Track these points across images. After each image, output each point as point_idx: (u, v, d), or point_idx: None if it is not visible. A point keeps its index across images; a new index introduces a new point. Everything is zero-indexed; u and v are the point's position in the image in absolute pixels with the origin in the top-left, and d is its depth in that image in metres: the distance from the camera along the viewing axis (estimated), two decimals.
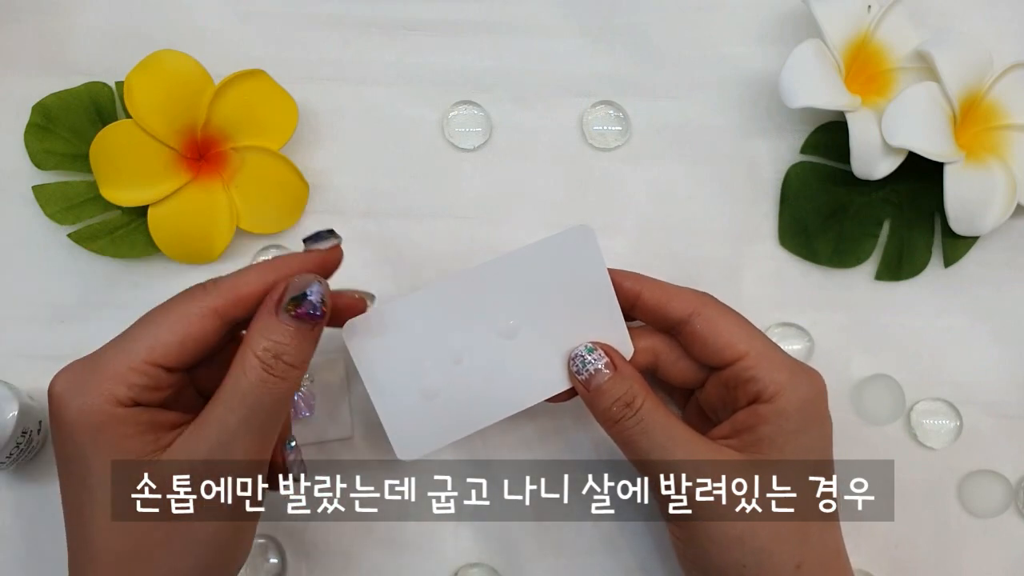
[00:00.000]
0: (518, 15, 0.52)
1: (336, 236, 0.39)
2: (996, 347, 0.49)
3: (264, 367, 0.35)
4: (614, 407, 0.39)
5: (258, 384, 0.35)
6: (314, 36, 0.51)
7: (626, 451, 0.40)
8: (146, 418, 0.36)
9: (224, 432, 0.35)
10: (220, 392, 0.36)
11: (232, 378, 0.36)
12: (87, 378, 0.36)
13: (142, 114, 0.45)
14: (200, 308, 0.36)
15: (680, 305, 0.40)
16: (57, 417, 0.36)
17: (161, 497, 0.35)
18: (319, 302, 0.36)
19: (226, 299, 0.36)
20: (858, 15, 0.49)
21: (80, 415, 0.35)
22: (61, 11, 0.51)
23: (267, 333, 0.36)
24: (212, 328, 0.36)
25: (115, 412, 0.35)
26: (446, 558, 0.46)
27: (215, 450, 0.35)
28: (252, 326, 0.36)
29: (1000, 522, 0.47)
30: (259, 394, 0.35)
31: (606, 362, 0.40)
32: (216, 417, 0.35)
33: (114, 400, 0.35)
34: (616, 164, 0.51)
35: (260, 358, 0.35)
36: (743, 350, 0.39)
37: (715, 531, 0.38)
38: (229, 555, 0.38)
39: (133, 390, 0.35)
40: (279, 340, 0.36)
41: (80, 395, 0.35)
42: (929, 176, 0.48)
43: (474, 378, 0.41)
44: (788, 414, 0.38)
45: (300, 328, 0.36)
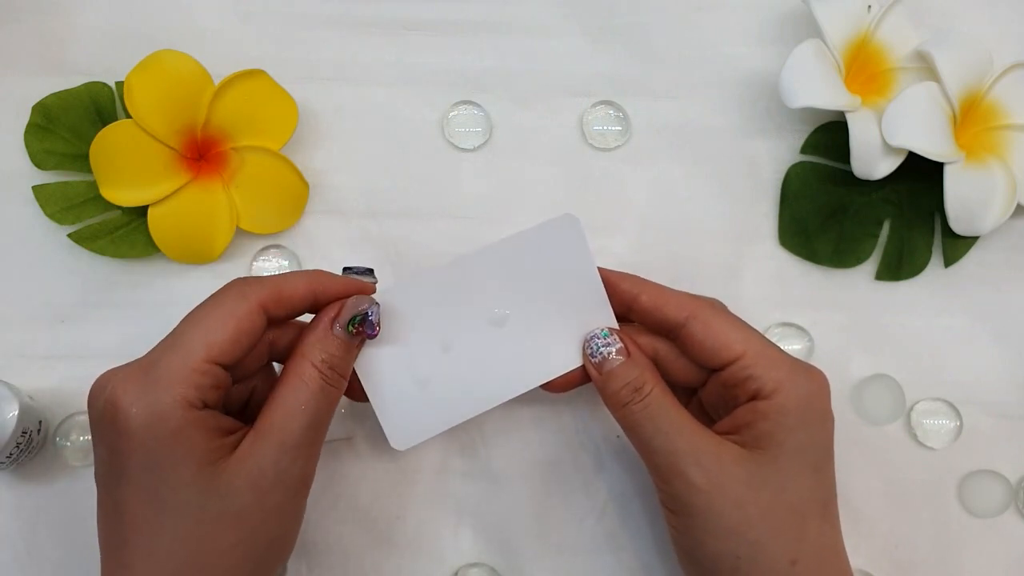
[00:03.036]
0: (518, 15, 0.52)
1: (374, 277, 0.41)
2: (996, 347, 0.49)
3: (323, 376, 0.38)
4: (623, 391, 0.40)
5: (318, 392, 0.38)
6: (314, 36, 0.51)
7: (631, 435, 0.41)
8: (214, 422, 0.36)
9: (289, 438, 0.37)
10: (279, 401, 0.37)
11: (290, 387, 0.37)
12: (150, 385, 0.35)
13: (142, 114, 0.45)
14: (248, 303, 0.37)
15: (676, 309, 0.41)
16: (121, 427, 0.35)
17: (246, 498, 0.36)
18: (376, 322, 0.39)
19: (270, 295, 0.38)
20: (858, 15, 0.49)
21: (152, 420, 0.35)
22: (61, 11, 0.51)
23: (323, 345, 0.38)
24: (260, 323, 0.37)
25: (190, 416, 0.35)
26: (446, 558, 0.46)
27: (283, 455, 0.36)
28: (307, 339, 0.38)
29: (1000, 522, 0.47)
30: (319, 401, 0.38)
31: (620, 347, 0.41)
32: (280, 424, 0.37)
33: (186, 403, 0.35)
34: (616, 164, 0.51)
35: (319, 368, 0.38)
36: (740, 351, 0.39)
37: (712, 521, 0.38)
38: (278, 560, 0.39)
39: (200, 391, 0.36)
40: (334, 352, 0.38)
41: (148, 402, 0.35)
42: (929, 176, 0.48)
43: (464, 366, 0.42)
44: (787, 410, 0.38)
45: (352, 343, 0.39)
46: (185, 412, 0.35)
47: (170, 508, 0.35)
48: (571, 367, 0.42)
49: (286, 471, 0.37)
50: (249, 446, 0.36)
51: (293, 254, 0.49)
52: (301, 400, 0.37)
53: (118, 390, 0.35)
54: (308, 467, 0.38)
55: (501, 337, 0.42)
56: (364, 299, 0.39)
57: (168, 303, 0.47)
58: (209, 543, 0.36)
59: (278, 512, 0.37)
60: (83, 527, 0.37)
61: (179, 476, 0.35)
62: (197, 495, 0.35)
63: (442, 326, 0.42)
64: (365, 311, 0.39)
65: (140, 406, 0.35)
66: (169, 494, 0.35)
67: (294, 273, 0.40)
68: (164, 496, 0.35)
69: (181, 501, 0.35)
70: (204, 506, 0.35)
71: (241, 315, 0.37)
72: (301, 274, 0.39)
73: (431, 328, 0.41)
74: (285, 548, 0.39)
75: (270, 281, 0.38)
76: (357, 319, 0.39)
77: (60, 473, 0.46)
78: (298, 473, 0.37)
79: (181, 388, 0.35)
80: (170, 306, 0.47)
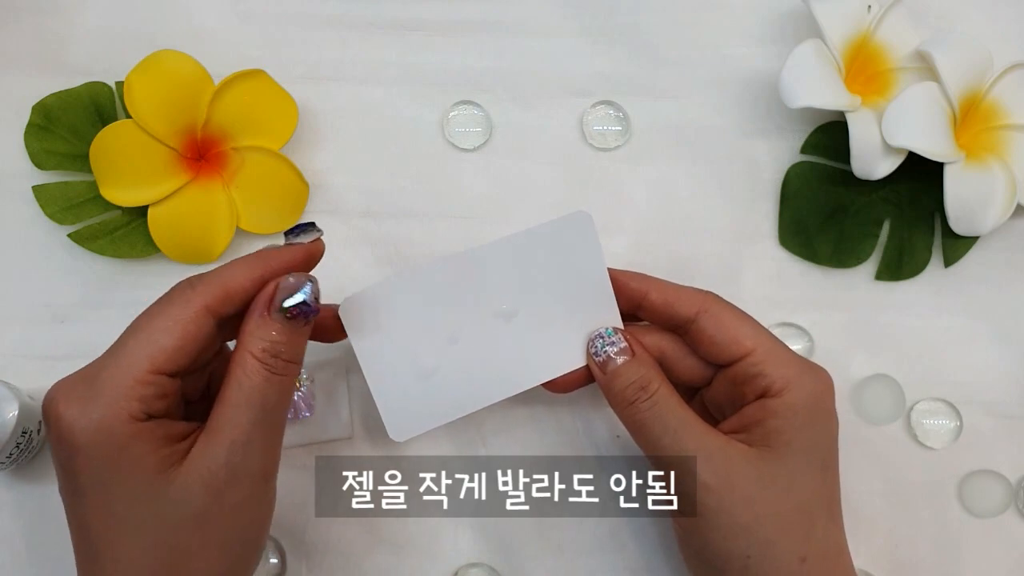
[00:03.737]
0: (518, 15, 0.52)
1: (318, 229, 0.39)
2: (996, 347, 0.49)
3: (264, 366, 0.36)
4: (628, 390, 0.40)
5: (262, 383, 0.36)
6: (314, 36, 0.51)
7: (636, 436, 0.40)
8: (161, 432, 0.35)
9: (238, 433, 0.35)
10: (224, 397, 0.36)
11: (234, 381, 0.36)
12: (92, 397, 0.34)
13: (142, 114, 0.45)
14: (192, 309, 0.35)
15: (686, 304, 0.41)
16: (67, 443, 0.34)
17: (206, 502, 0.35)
18: (313, 301, 0.36)
19: (215, 295, 0.36)
20: (858, 15, 0.49)
21: (97, 437, 0.34)
22: (61, 11, 0.51)
23: (261, 333, 0.36)
24: (207, 326, 0.36)
25: (133, 429, 0.34)
26: (446, 558, 0.46)
27: (233, 452, 0.35)
28: (244, 328, 0.36)
29: (1000, 522, 0.47)
30: (265, 392, 0.36)
31: (624, 346, 0.41)
32: (227, 421, 0.36)
33: (129, 417, 0.34)
34: (616, 164, 0.51)
35: (259, 358, 0.36)
36: (750, 346, 0.39)
37: (722, 520, 0.38)
38: (254, 551, 0.38)
39: (144, 402, 0.34)
40: (274, 339, 0.36)
41: (89, 416, 0.34)
42: (929, 176, 0.48)
43: (469, 359, 0.41)
44: (796, 408, 0.39)
45: (294, 325, 0.36)
46: (129, 426, 0.34)
47: (128, 521, 0.34)
48: (576, 366, 0.42)
49: (239, 467, 0.35)
50: (200, 447, 0.35)
51: None
52: (245, 393, 0.35)
53: (60, 405, 0.34)
54: (267, 459, 0.37)
55: (508, 332, 0.42)
56: (298, 277, 0.37)
57: None
58: (176, 549, 0.35)
59: (240, 508, 0.36)
60: None
61: (131, 490, 0.34)
62: (153, 505, 0.34)
63: (449, 317, 0.41)
64: (297, 292, 0.36)
65: (83, 422, 0.34)
66: (124, 508, 0.34)
67: (236, 263, 0.37)
68: (120, 511, 0.34)
69: (138, 513, 0.34)
70: (162, 514, 0.35)
71: (186, 321, 0.35)
72: (243, 263, 0.37)
73: (438, 319, 0.41)
74: (258, 541, 0.38)
75: (215, 279, 0.36)
76: (288, 301, 0.36)
77: None
78: (255, 467, 0.36)
79: (124, 402, 0.34)
80: None
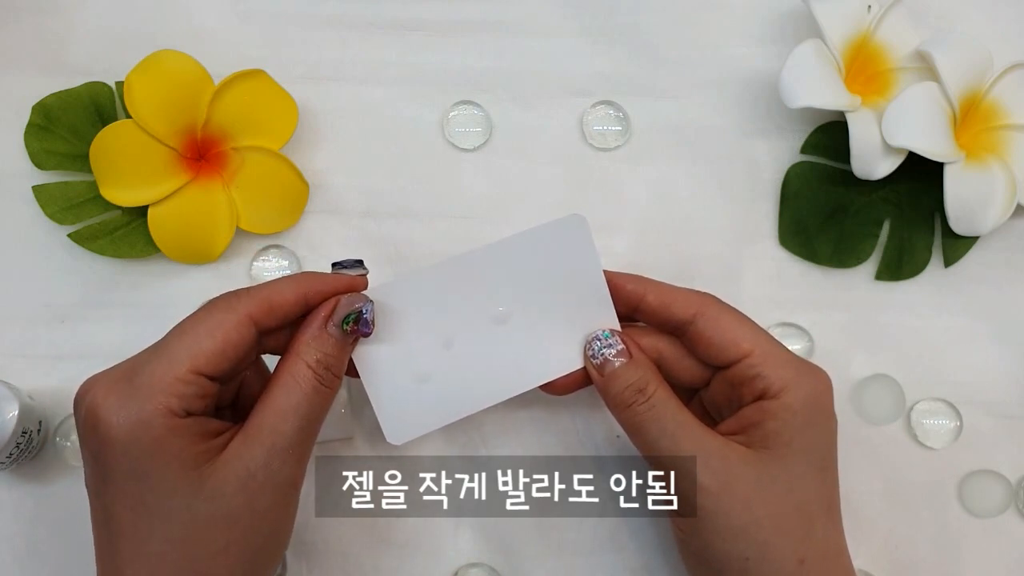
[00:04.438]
0: (518, 15, 0.52)
1: (364, 268, 0.41)
2: (996, 347, 0.49)
3: (316, 376, 0.37)
4: (626, 392, 0.40)
5: (312, 392, 0.37)
6: (314, 36, 0.51)
7: (635, 438, 0.40)
8: (198, 428, 0.36)
9: (281, 440, 0.36)
10: (270, 402, 0.37)
11: (283, 388, 0.37)
12: (133, 393, 0.35)
13: (142, 114, 0.45)
14: (236, 315, 0.37)
15: (684, 306, 0.41)
16: (103, 435, 0.35)
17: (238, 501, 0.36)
18: (371, 320, 0.39)
19: (260, 307, 0.37)
20: (858, 15, 0.49)
21: (135, 430, 0.34)
22: (61, 11, 0.51)
23: (317, 344, 0.38)
24: (249, 335, 0.37)
25: (171, 424, 0.35)
26: (446, 558, 0.46)
27: (273, 457, 0.36)
28: (300, 338, 0.38)
29: (1000, 522, 0.47)
30: (312, 401, 0.37)
31: (621, 348, 0.41)
32: (270, 426, 0.36)
33: (169, 412, 0.35)
34: (616, 164, 0.51)
35: (313, 368, 0.37)
36: (748, 348, 0.39)
37: (720, 522, 0.38)
38: (272, 560, 0.39)
39: (184, 400, 0.35)
40: (328, 352, 0.38)
41: (130, 410, 0.34)
42: (929, 176, 0.48)
43: (465, 363, 0.42)
44: (794, 410, 0.39)
45: (346, 341, 0.39)
46: (167, 420, 0.35)
47: (157, 514, 0.35)
48: (572, 368, 0.42)
49: (277, 473, 0.36)
50: (238, 448, 0.36)
51: (293, 254, 0.49)
52: (294, 401, 0.37)
53: (98, 398, 0.35)
54: (299, 468, 0.38)
55: (503, 335, 0.42)
56: (358, 297, 0.39)
57: (168, 303, 0.48)
58: (200, 546, 0.35)
59: (269, 513, 0.37)
60: (83, 527, 0.37)
61: (164, 483, 0.35)
62: (184, 500, 0.35)
63: (445, 322, 0.41)
64: (359, 309, 0.39)
65: (121, 415, 0.34)
66: (155, 501, 0.35)
67: (282, 280, 0.39)
68: (150, 503, 0.35)
69: (168, 507, 0.35)
70: (193, 510, 0.35)
71: (229, 327, 0.36)
72: (289, 280, 0.39)
73: (434, 323, 0.41)
74: (279, 548, 0.39)
75: (259, 292, 0.38)
76: (352, 317, 0.38)
77: (60, 473, 0.46)
78: (288, 474, 0.37)
79: (163, 397, 0.35)
80: (170, 306, 0.47)
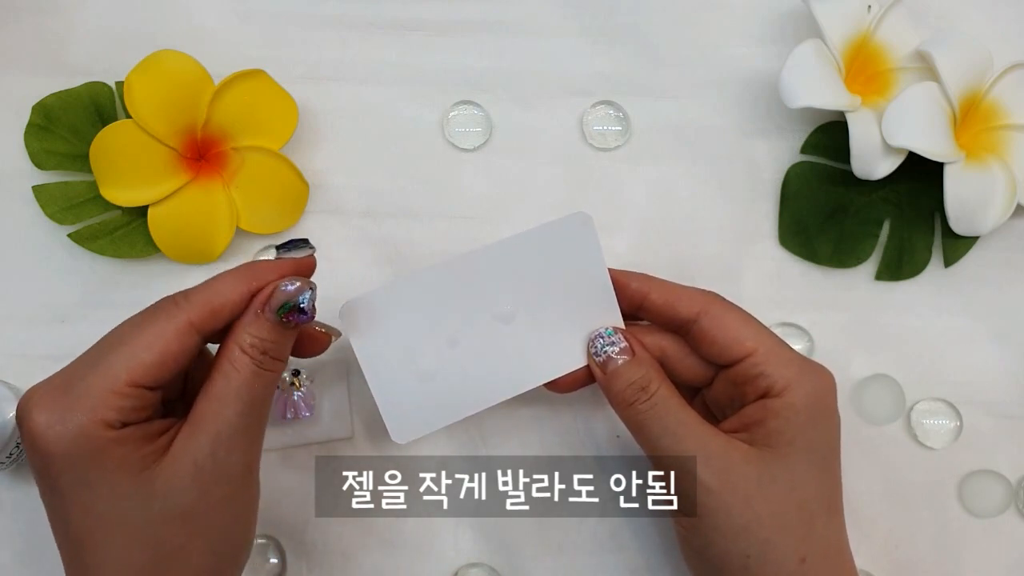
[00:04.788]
0: (518, 15, 0.52)
1: (310, 246, 0.39)
2: (996, 347, 0.49)
3: (253, 361, 0.36)
4: (628, 390, 0.40)
5: (250, 377, 0.36)
6: (314, 36, 0.51)
7: (637, 436, 0.41)
8: (139, 433, 0.35)
9: (224, 426, 0.36)
10: (210, 390, 0.36)
11: (221, 375, 0.36)
12: (68, 405, 0.34)
13: (142, 114, 0.45)
14: (176, 324, 0.35)
15: (688, 305, 0.41)
16: (42, 450, 0.34)
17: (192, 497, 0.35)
18: (310, 308, 0.37)
19: (201, 312, 0.36)
20: (858, 15, 0.49)
21: (72, 445, 0.34)
22: (61, 11, 0.51)
23: (252, 329, 0.37)
24: (191, 343, 0.36)
25: (110, 436, 0.34)
26: (446, 558, 0.46)
27: (218, 444, 0.36)
28: (237, 324, 0.37)
29: (1000, 522, 0.47)
30: (252, 385, 0.36)
31: (624, 346, 0.41)
32: (212, 414, 0.36)
33: (105, 425, 0.34)
34: (616, 164, 0.51)
35: (248, 353, 0.36)
36: (752, 347, 0.39)
37: (721, 520, 0.38)
38: (240, 549, 0.38)
39: (121, 413, 0.34)
40: (265, 336, 0.37)
41: (66, 425, 0.34)
42: (929, 176, 0.48)
43: (470, 361, 0.42)
44: (797, 408, 0.39)
45: (284, 326, 0.37)
46: (105, 432, 0.34)
47: (112, 520, 0.34)
48: (576, 366, 0.42)
49: (225, 461, 0.36)
50: (184, 442, 0.36)
51: None
52: (233, 386, 0.36)
53: (34, 411, 0.34)
54: (249, 454, 0.37)
55: (508, 334, 0.42)
56: (297, 283, 0.37)
57: None
58: (163, 546, 0.35)
59: (226, 504, 0.36)
60: None
61: (113, 490, 0.34)
62: (136, 502, 0.34)
63: (449, 320, 0.41)
64: (298, 298, 0.37)
65: (58, 429, 0.34)
66: (107, 507, 0.34)
67: (225, 277, 0.37)
68: (102, 510, 0.34)
69: (121, 511, 0.34)
70: (147, 510, 0.35)
71: (169, 338, 0.35)
72: (231, 277, 0.37)
73: (438, 322, 0.41)
74: (244, 537, 0.38)
75: (200, 297, 0.36)
76: (288, 306, 0.36)
77: None
78: (238, 461, 0.36)
79: (101, 411, 0.34)
80: None
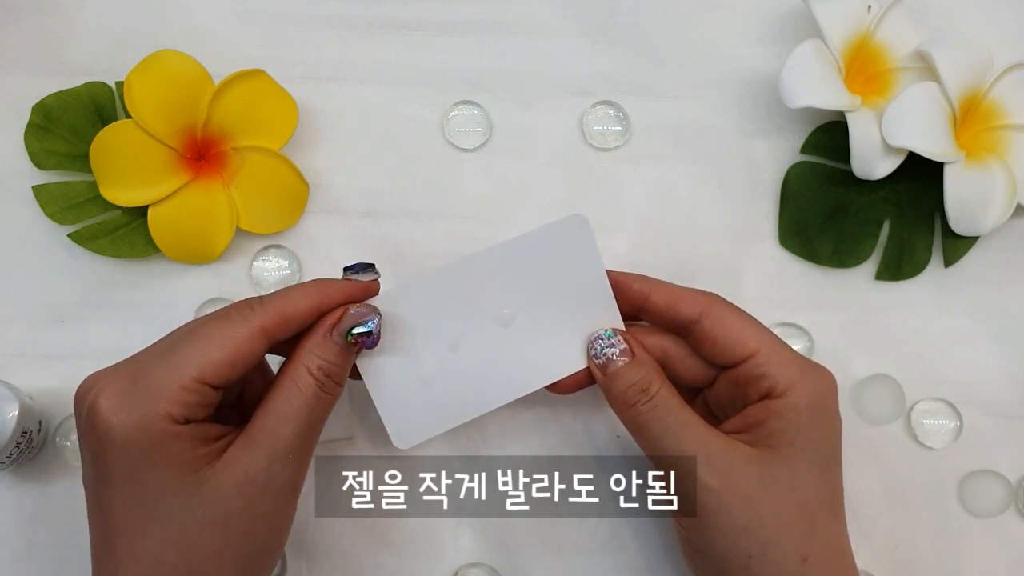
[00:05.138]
0: (518, 15, 0.52)
1: (376, 272, 0.41)
2: (996, 347, 0.49)
3: (318, 383, 0.38)
4: (628, 391, 0.40)
5: (312, 399, 0.37)
6: (314, 36, 0.51)
7: (638, 437, 0.41)
8: (198, 432, 0.36)
9: (282, 444, 0.37)
10: (272, 407, 0.37)
11: (284, 393, 0.37)
12: (135, 395, 0.35)
13: (142, 114, 0.45)
14: (250, 327, 0.37)
15: (689, 306, 0.41)
16: (103, 436, 0.35)
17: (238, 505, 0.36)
18: (377, 333, 0.39)
19: (274, 319, 0.37)
20: (858, 15, 0.49)
21: (135, 434, 0.35)
22: (61, 11, 0.51)
23: (320, 351, 0.38)
24: (260, 348, 0.37)
25: (171, 430, 0.35)
26: (446, 558, 0.46)
27: (274, 461, 0.36)
28: (304, 344, 0.38)
29: (1000, 522, 0.47)
30: (313, 407, 0.37)
31: (624, 348, 0.41)
32: (270, 430, 0.37)
33: (169, 418, 0.35)
34: (616, 164, 0.51)
35: (314, 375, 0.37)
36: (754, 348, 0.40)
37: (723, 520, 0.38)
38: (269, 563, 0.39)
39: (186, 408, 0.35)
40: (331, 360, 0.38)
41: (130, 413, 0.35)
42: (929, 176, 0.48)
43: (470, 365, 0.42)
44: (799, 409, 0.39)
45: (349, 351, 0.39)
46: (167, 426, 0.35)
47: (154, 515, 0.35)
48: (576, 368, 0.42)
49: (276, 477, 0.36)
50: (238, 452, 0.36)
51: (293, 254, 0.49)
52: (295, 406, 0.37)
53: (100, 397, 0.35)
54: (299, 473, 0.38)
55: (507, 337, 0.42)
56: (366, 309, 0.39)
57: (168, 303, 0.48)
58: (196, 548, 0.35)
59: (267, 518, 0.37)
60: (83, 527, 0.37)
61: (162, 485, 0.35)
62: (182, 502, 0.35)
63: (449, 325, 0.41)
64: (366, 322, 0.39)
65: (122, 417, 0.35)
66: (152, 502, 0.35)
67: (296, 289, 0.39)
68: (148, 504, 0.35)
69: (165, 508, 0.35)
70: (190, 511, 0.35)
71: (241, 339, 0.36)
72: (303, 290, 0.39)
73: (438, 327, 0.41)
74: (275, 551, 0.39)
75: (273, 304, 0.38)
76: (356, 330, 0.38)
77: (60, 473, 0.46)
78: (288, 479, 0.37)
79: (166, 404, 0.35)
80: (170, 306, 0.47)
